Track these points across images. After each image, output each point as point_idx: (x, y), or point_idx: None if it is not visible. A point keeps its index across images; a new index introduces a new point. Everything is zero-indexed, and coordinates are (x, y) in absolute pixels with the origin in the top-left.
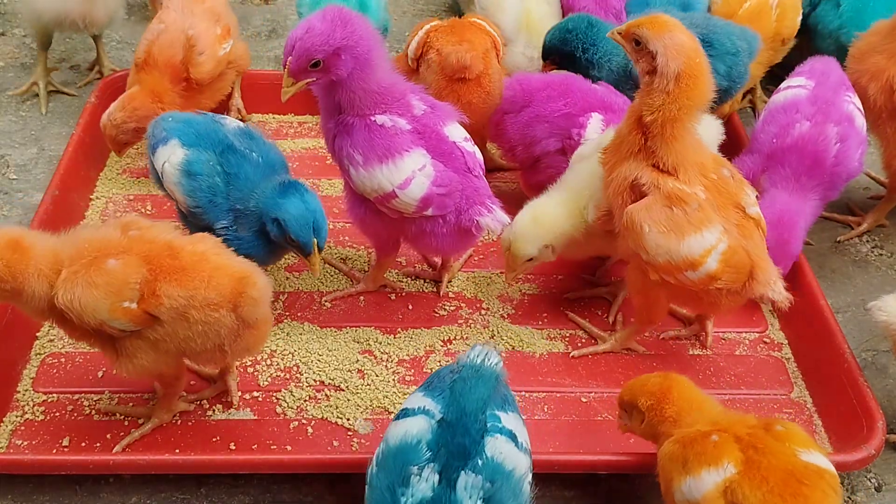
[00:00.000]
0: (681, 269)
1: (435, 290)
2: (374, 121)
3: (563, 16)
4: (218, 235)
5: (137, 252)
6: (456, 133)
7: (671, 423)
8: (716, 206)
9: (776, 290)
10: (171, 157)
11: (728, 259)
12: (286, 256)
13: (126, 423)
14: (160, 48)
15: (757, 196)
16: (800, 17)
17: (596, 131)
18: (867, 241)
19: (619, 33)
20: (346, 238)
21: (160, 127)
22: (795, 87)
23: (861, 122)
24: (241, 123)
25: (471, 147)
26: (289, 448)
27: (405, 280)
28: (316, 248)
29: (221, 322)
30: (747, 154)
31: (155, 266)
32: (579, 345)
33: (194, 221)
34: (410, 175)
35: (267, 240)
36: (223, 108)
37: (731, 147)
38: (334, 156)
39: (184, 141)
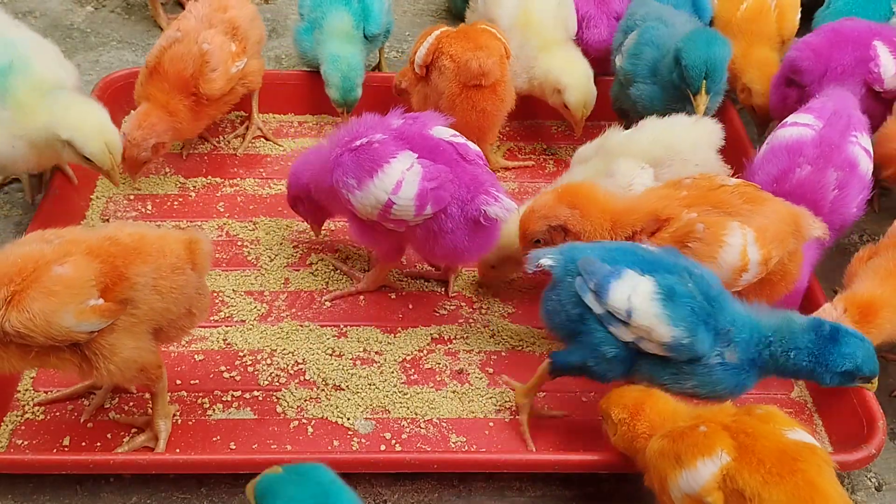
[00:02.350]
0: (738, 278)
1: (435, 289)
2: (355, 145)
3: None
4: (704, 370)
5: (77, 252)
6: (442, 133)
7: (644, 438)
8: (713, 204)
9: (817, 225)
10: (638, 287)
11: (764, 239)
12: (286, 253)
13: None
14: (171, 59)
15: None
16: (798, 16)
17: (888, 58)
18: (867, 241)
19: (548, 229)
20: (347, 237)
21: (593, 265)
22: (802, 124)
23: (866, 165)
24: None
25: (460, 140)
26: (289, 448)
27: (405, 279)
28: None
29: (188, 283)
30: None
31: (104, 256)
32: None
33: (675, 358)
34: (400, 177)
35: (758, 367)
36: (224, 122)
37: (733, 150)
38: (337, 192)
39: (642, 269)
